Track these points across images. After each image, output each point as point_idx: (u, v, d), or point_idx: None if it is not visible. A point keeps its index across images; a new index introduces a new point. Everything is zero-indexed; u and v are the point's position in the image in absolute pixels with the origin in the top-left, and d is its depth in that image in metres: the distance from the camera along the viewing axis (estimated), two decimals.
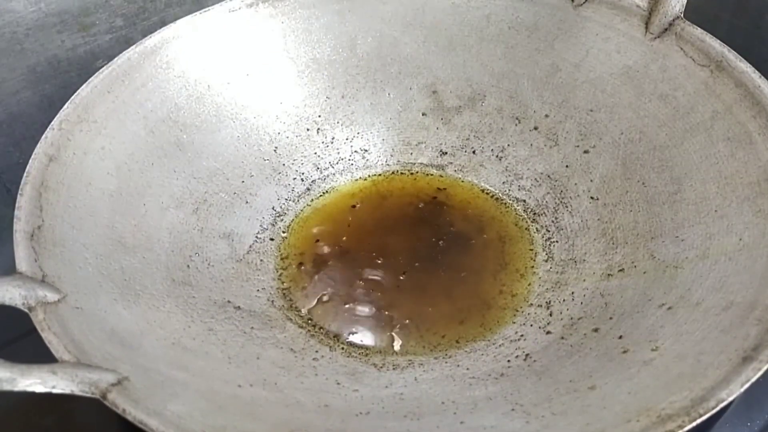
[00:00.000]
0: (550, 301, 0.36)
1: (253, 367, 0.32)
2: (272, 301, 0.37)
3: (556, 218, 0.40)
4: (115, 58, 0.39)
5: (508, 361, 0.33)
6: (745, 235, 0.31)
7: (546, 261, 0.38)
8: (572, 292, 0.36)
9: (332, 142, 0.45)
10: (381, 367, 0.34)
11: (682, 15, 0.39)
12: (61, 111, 0.36)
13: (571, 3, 0.42)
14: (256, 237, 0.41)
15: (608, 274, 0.36)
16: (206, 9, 0.43)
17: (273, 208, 0.42)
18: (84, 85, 0.38)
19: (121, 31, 0.46)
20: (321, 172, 0.44)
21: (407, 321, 0.36)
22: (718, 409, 0.24)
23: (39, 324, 0.27)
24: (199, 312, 0.34)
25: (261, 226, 0.41)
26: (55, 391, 0.24)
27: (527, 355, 0.33)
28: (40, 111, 0.44)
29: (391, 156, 0.45)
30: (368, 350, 0.35)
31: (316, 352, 0.34)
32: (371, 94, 0.45)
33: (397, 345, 0.35)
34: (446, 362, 0.34)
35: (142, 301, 0.32)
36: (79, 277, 0.31)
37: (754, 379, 0.24)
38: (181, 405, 0.26)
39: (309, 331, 0.36)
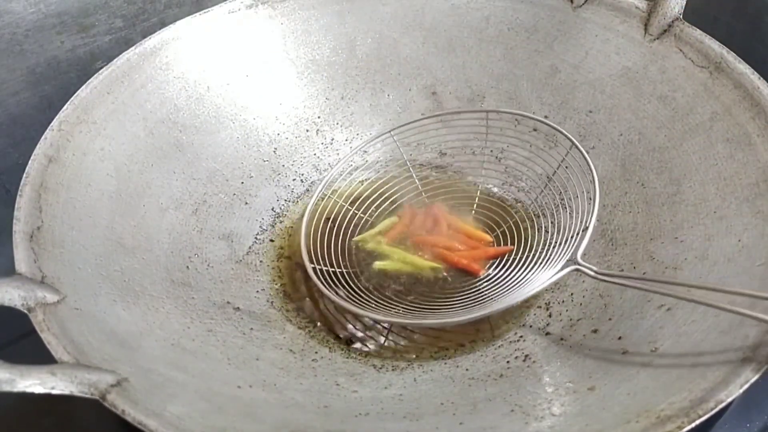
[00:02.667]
0: (549, 302, 0.36)
1: (253, 368, 0.32)
2: (272, 302, 0.37)
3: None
4: (115, 59, 0.40)
5: (508, 362, 0.33)
6: (744, 236, 0.31)
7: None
8: (571, 294, 0.36)
9: (332, 143, 0.45)
10: (380, 368, 0.34)
11: (681, 16, 0.39)
12: (60, 112, 0.36)
13: (571, 4, 0.42)
14: (256, 238, 0.41)
15: None
16: (206, 10, 0.43)
17: (272, 209, 0.42)
18: (83, 86, 0.38)
19: (120, 32, 0.46)
20: (320, 173, 0.44)
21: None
22: (717, 410, 0.24)
23: (38, 325, 0.27)
24: (198, 313, 0.34)
25: (260, 227, 0.41)
26: (54, 392, 0.24)
27: (527, 356, 0.33)
28: (39, 112, 0.44)
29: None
30: (368, 351, 0.35)
31: (316, 353, 0.34)
32: (371, 96, 0.46)
33: (396, 345, 0.35)
34: (445, 363, 0.34)
35: (142, 302, 0.32)
36: (79, 278, 0.31)
37: (753, 380, 0.24)
38: (181, 406, 0.26)
39: (309, 332, 0.36)
